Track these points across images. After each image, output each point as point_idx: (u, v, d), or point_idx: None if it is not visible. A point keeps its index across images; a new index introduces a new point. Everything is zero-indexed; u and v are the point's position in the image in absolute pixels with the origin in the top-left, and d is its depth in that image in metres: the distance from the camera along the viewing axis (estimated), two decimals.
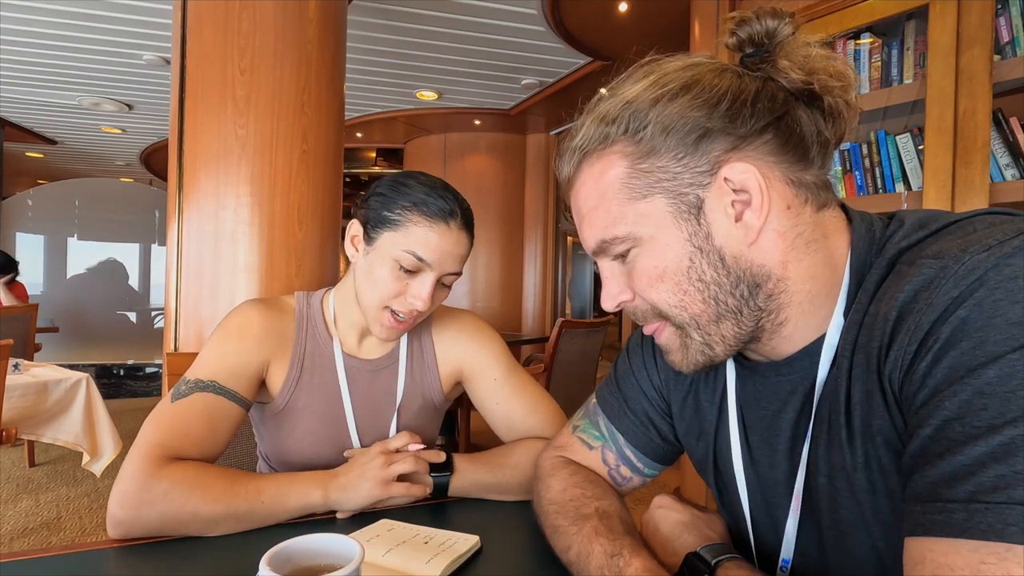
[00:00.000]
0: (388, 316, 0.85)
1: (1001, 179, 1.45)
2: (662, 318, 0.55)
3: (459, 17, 3.12)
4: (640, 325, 0.58)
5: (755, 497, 0.60)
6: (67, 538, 2.40)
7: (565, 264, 5.46)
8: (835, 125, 0.52)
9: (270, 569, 0.44)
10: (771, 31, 0.51)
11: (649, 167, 0.51)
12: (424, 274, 0.83)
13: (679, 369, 0.57)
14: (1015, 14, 1.45)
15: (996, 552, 0.35)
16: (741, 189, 0.50)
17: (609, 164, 0.53)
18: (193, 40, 1.95)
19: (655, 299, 0.53)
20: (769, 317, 0.52)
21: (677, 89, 0.50)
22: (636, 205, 0.52)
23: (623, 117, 0.51)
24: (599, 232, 0.54)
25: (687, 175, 0.50)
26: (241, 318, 0.88)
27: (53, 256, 6.14)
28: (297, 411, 0.91)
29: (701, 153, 0.50)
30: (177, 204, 1.97)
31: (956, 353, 0.39)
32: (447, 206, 0.83)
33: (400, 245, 0.82)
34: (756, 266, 0.51)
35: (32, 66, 3.94)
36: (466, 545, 0.69)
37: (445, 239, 0.82)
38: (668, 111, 0.50)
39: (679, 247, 0.51)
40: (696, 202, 0.50)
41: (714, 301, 0.51)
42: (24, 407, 2.39)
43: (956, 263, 0.41)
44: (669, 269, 0.51)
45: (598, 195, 0.53)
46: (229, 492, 0.72)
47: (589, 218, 0.55)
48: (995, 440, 0.36)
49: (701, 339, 0.53)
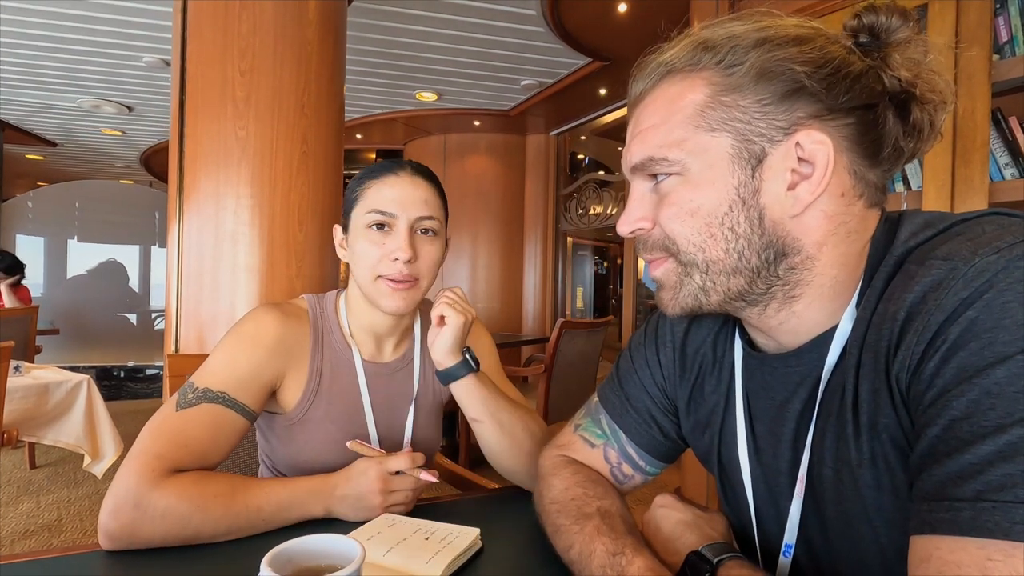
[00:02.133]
0: (384, 283, 0.84)
1: (1000, 178, 1.45)
2: (670, 253, 0.54)
3: (458, 18, 3.13)
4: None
5: (759, 487, 0.60)
6: (68, 540, 2.40)
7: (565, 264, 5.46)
8: (914, 141, 0.53)
9: (271, 570, 0.44)
10: (893, 27, 0.51)
11: (730, 103, 0.50)
12: (394, 228, 0.84)
13: (663, 308, 0.57)
14: (1014, 13, 1.45)
15: (1003, 550, 0.35)
16: (807, 160, 0.49)
17: (691, 87, 0.52)
18: (193, 42, 1.96)
19: (676, 232, 0.52)
20: (784, 288, 0.52)
21: (789, 38, 0.50)
22: (700, 136, 0.51)
23: (722, 47, 0.51)
24: (651, 148, 0.53)
25: (763, 124, 0.50)
26: (256, 325, 0.84)
27: (53, 258, 6.14)
28: (315, 421, 0.88)
29: (785, 108, 0.49)
30: (177, 206, 1.98)
31: (965, 353, 0.39)
32: (393, 163, 0.87)
33: (363, 212, 0.85)
34: (791, 238, 0.51)
35: (32, 68, 3.95)
36: (467, 540, 0.69)
37: (398, 187, 0.85)
38: (772, 55, 0.49)
39: (723, 191, 0.50)
40: (760, 154, 0.50)
41: (737, 254, 0.51)
42: (25, 409, 2.39)
43: (966, 264, 0.41)
44: (704, 208, 0.51)
45: (666, 114, 0.52)
46: (230, 513, 0.71)
47: (646, 133, 0.53)
48: (1003, 439, 0.36)
49: (700, 284, 0.53)
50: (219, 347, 0.83)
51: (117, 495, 0.68)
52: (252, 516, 0.72)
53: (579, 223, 5.13)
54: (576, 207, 5.14)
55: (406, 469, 0.79)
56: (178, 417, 0.75)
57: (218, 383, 0.78)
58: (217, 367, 0.80)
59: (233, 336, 0.83)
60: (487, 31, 3.28)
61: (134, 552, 0.68)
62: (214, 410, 0.76)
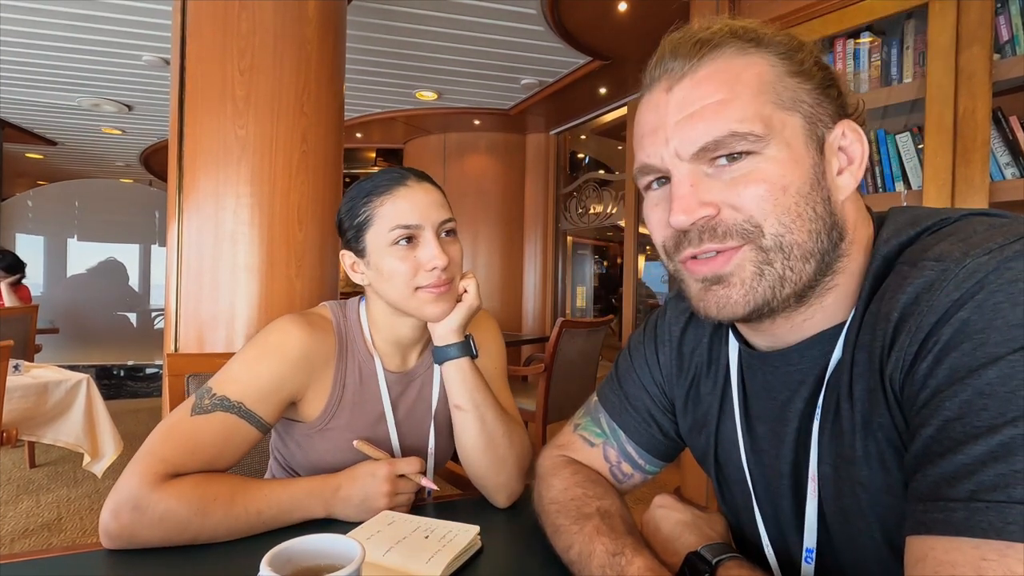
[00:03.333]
0: (424, 293, 0.83)
1: (1001, 178, 1.45)
2: (746, 240, 0.49)
3: (459, 17, 3.12)
4: (695, 250, 0.51)
5: (757, 487, 0.60)
6: (68, 539, 2.40)
7: (565, 264, 5.45)
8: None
9: (271, 570, 0.44)
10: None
11: (799, 83, 0.50)
12: (421, 237, 0.83)
13: (729, 305, 0.51)
14: (1015, 13, 1.45)
15: (997, 549, 0.35)
16: (845, 149, 0.52)
17: (754, 63, 0.50)
18: (193, 41, 1.95)
19: (766, 211, 0.48)
20: (831, 276, 0.51)
21: (803, 44, 0.52)
22: (778, 112, 0.49)
23: (766, 38, 0.51)
24: (729, 123, 0.48)
25: (823, 108, 0.51)
26: (282, 336, 0.82)
27: (53, 257, 6.14)
28: (337, 430, 0.88)
29: (828, 99, 0.51)
30: (177, 205, 1.97)
31: (957, 354, 0.39)
32: (394, 175, 0.85)
33: (384, 231, 0.82)
34: (842, 219, 0.51)
35: (32, 67, 3.94)
36: (466, 538, 0.69)
37: (412, 197, 0.83)
38: (806, 53, 0.51)
39: (808, 169, 0.49)
40: (821, 137, 0.51)
41: (816, 236, 0.49)
42: (24, 408, 2.39)
43: (957, 266, 0.42)
44: (794, 185, 0.48)
45: (731, 88, 0.49)
46: (229, 517, 0.71)
47: (710, 109, 0.49)
48: (995, 440, 0.36)
49: (780, 272, 0.49)
50: (242, 355, 0.82)
51: (119, 496, 0.68)
52: (252, 519, 0.72)
53: (579, 222, 5.12)
54: (576, 206, 5.14)
55: (411, 474, 0.80)
56: (191, 422, 0.75)
57: (236, 392, 0.77)
58: (238, 375, 0.79)
59: (258, 346, 0.82)
60: (487, 30, 3.28)
61: (134, 551, 0.68)
62: (228, 419, 0.76)
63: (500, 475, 0.85)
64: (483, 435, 0.85)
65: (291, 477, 0.91)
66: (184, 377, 1.14)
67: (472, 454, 0.86)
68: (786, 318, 0.53)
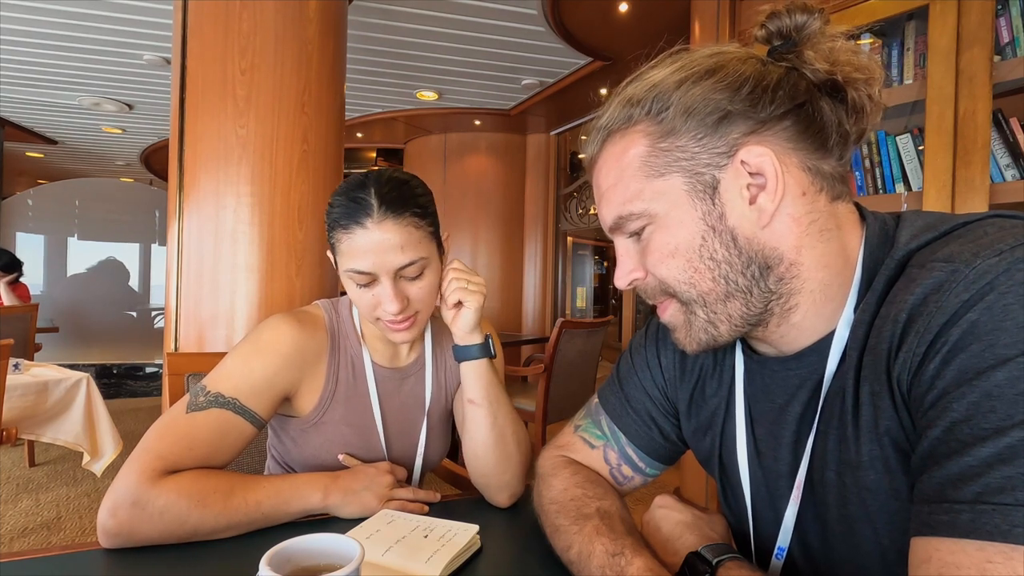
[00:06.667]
0: (384, 324, 0.83)
1: (1001, 179, 1.45)
2: (670, 295, 0.56)
3: (459, 17, 3.12)
4: (651, 306, 0.60)
5: (758, 490, 0.60)
6: (67, 538, 2.40)
7: (565, 264, 5.46)
8: (858, 119, 0.53)
9: (270, 569, 0.44)
10: (800, 25, 0.52)
11: (668, 146, 0.52)
12: (376, 281, 0.80)
13: (683, 347, 0.58)
14: (1015, 14, 1.45)
15: (1002, 552, 0.35)
16: (757, 172, 0.51)
17: (631, 143, 0.54)
18: (194, 40, 1.95)
19: (665, 275, 0.54)
20: (779, 301, 0.52)
21: (702, 72, 0.52)
22: (653, 183, 0.53)
23: (647, 99, 0.53)
24: (616, 208, 0.55)
25: (705, 155, 0.51)
26: (274, 334, 0.83)
27: (53, 256, 6.14)
28: (331, 424, 0.89)
29: (720, 135, 0.51)
30: (177, 204, 1.97)
31: (965, 356, 0.39)
32: (357, 207, 0.78)
33: (343, 266, 0.81)
34: (768, 248, 0.51)
35: (32, 66, 3.94)
36: (466, 537, 0.69)
37: (366, 241, 0.77)
38: (691, 93, 0.51)
39: (692, 225, 0.52)
40: (712, 182, 0.51)
41: (724, 280, 0.52)
42: (24, 407, 2.39)
43: (967, 267, 0.41)
44: (681, 246, 0.52)
45: (618, 172, 0.55)
46: (229, 508, 0.71)
47: (608, 195, 0.56)
48: (1002, 442, 0.36)
49: (706, 317, 0.54)
50: (235, 352, 0.82)
51: (116, 493, 0.68)
52: (251, 510, 0.73)
53: (579, 223, 5.12)
54: (576, 207, 5.14)
55: (407, 500, 0.82)
56: (187, 419, 0.76)
57: (230, 389, 0.78)
58: (231, 372, 0.80)
59: (250, 343, 0.83)
60: (488, 30, 3.28)
61: (133, 550, 0.68)
62: (223, 415, 0.77)
63: (506, 473, 0.85)
64: (494, 431, 0.86)
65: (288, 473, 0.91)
66: (184, 376, 1.14)
67: (480, 450, 0.86)
68: (773, 331, 0.55)
